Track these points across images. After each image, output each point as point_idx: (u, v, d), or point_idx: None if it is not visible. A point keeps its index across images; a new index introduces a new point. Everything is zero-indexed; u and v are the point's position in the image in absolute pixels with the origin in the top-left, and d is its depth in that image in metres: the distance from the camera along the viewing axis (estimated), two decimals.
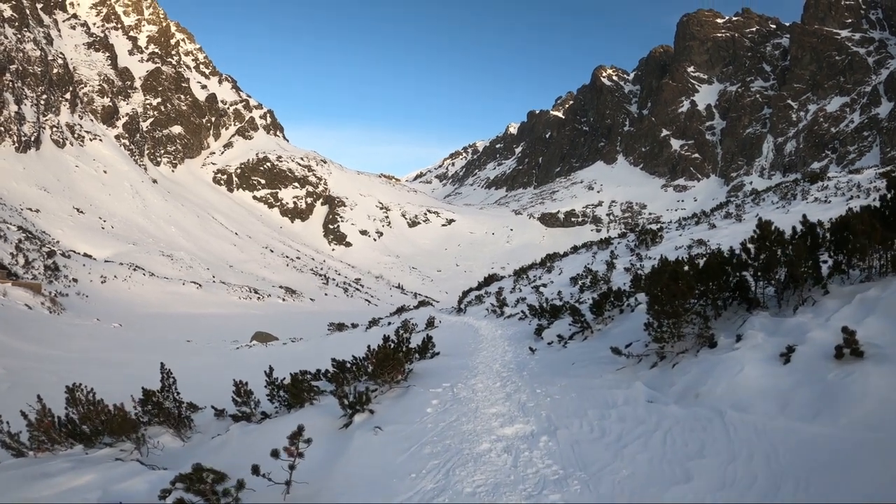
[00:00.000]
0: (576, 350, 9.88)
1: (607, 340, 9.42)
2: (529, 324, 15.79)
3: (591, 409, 6.06)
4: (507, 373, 9.22)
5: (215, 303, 55.15)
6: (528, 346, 11.65)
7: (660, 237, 29.11)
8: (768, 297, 7.26)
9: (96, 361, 16.70)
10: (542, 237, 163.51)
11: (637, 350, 7.87)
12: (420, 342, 12.07)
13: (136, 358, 18.59)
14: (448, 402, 7.41)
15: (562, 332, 11.51)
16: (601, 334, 10.45)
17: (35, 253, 46.99)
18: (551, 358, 9.83)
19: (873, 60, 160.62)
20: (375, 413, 7.10)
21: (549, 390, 7.26)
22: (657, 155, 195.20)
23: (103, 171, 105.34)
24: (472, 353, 12.22)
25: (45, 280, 41.67)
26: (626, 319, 10.67)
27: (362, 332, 25.64)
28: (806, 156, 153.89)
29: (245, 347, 24.89)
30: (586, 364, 8.38)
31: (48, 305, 30.90)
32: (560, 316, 13.80)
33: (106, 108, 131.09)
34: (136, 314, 40.01)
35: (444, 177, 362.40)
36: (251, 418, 7.86)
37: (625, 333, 9.39)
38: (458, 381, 8.72)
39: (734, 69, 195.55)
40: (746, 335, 6.20)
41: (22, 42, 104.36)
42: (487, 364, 10.37)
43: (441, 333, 18.01)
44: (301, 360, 15.42)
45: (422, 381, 8.83)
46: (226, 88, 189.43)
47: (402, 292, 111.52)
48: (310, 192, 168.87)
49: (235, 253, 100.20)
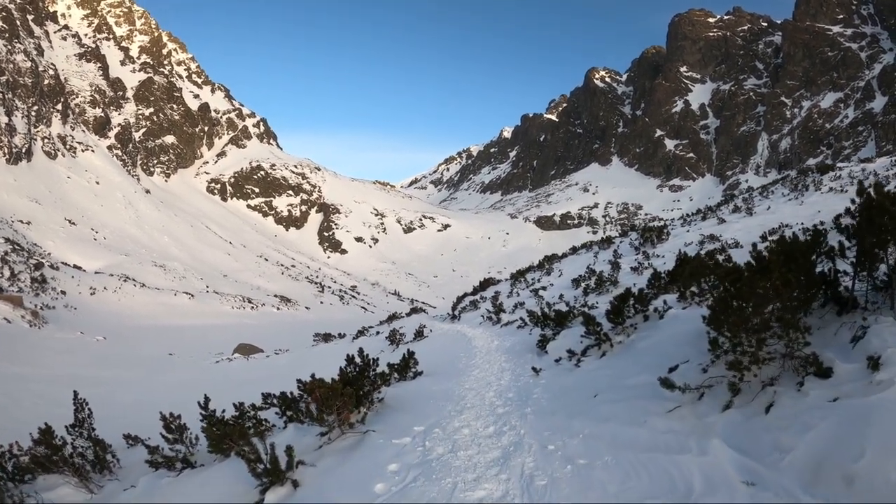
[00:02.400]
0: (594, 372, 7.81)
1: (633, 357, 7.53)
2: (530, 333, 13.91)
3: (646, 498, 3.81)
4: (505, 408, 7.16)
5: (207, 313, 54.38)
6: (530, 365, 9.75)
7: (666, 234, 27.91)
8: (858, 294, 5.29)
9: (63, 379, 15.95)
10: (538, 240, 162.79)
11: (691, 378, 5.48)
12: (400, 360, 10.47)
13: (108, 375, 17.87)
14: (413, 466, 5.27)
15: (572, 346, 9.48)
16: (624, 349, 8.33)
17: (21, 265, 46.19)
18: (562, 383, 7.83)
19: (866, 55, 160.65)
20: (301, 486, 5.13)
21: (567, 448, 5.08)
22: (652, 155, 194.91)
23: (95, 182, 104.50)
24: (463, 371, 10.51)
25: (32, 293, 40.89)
26: (653, 329, 8.51)
27: (349, 343, 24.85)
28: (801, 152, 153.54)
29: (225, 361, 24.13)
30: (615, 398, 6.22)
31: (28, 319, 30.11)
32: (567, 324, 11.81)
33: (98, 119, 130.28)
34: (125, 326, 39.29)
35: (439, 182, 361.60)
36: (173, 465, 6.47)
37: (656, 349, 7.36)
38: (438, 421, 6.74)
39: (727, 68, 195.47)
40: (890, 357, 3.99)
41: (12, 53, 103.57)
42: (479, 391, 8.45)
43: (430, 345, 17.08)
44: (278, 376, 14.79)
45: (389, 419, 6.92)
46: (219, 97, 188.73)
47: (398, 299, 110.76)
48: (304, 199, 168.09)
49: (230, 262, 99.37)
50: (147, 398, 7.25)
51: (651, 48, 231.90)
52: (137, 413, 7.79)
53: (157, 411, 7.38)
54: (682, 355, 6.40)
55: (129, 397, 13.19)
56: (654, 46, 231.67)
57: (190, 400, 11.39)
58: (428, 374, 10.28)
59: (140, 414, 7.45)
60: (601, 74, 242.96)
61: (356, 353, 8.60)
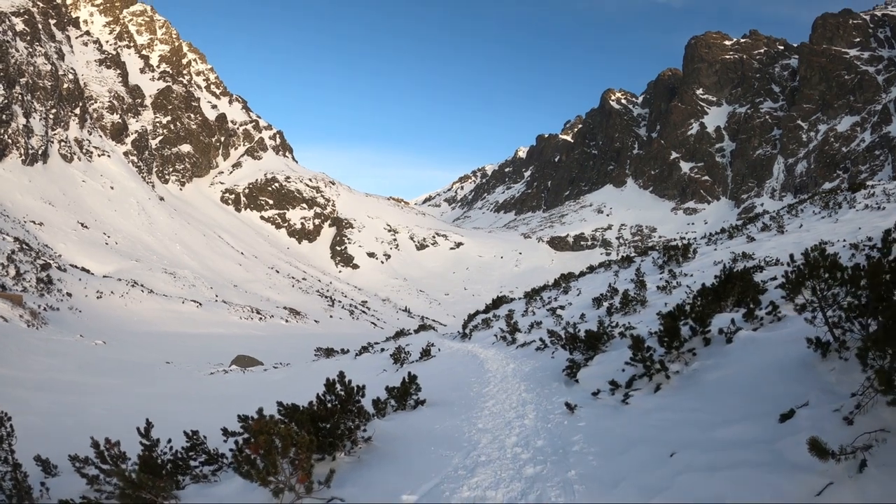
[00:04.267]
0: (654, 414, 5.91)
1: (705, 395, 5.79)
2: (552, 356, 12.14)
3: None
4: (535, 466, 5.29)
5: (214, 322, 53.49)
6: (559, 397, 8.01)
7: (693, 252, 26.41)
8: None
9: (41, 383, 14.80)
10: (551, 261, 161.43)
11: (830, 432, 3.78)
12: (399, 384, 8.88)
13: (91, 382, 16.78)
14: None
15: (612, 375, 7.65)
16: (684, 381, 6.48)
17: (28, 265, 45.59)
18: (612, 429, 5.91)
19: (883, 79, 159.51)
20: None
21: None
22: (667, 178, 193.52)
23: (110, 187, 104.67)
24: (474, 402, 8.78)
25: (37, 293, 40.21)
26: (721, 356, 6.65)
27: (351, 360, 23.65)
28: (817, 176, 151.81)
29: (220, 373, 23.05)
30: (708, 462, 4.26)
31: (27, 319, 29.30)
32: (602, 347, 9.97)
33: (115, 125, 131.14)
34: (128, 331, 38.42)
35: (453, 200, 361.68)
36: None
37: (738, 383, 5.63)
38: (438, 485, 4.98)
39: (743, 91, 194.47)
40: None
41: (33, 56, 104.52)
42: (496, 434, 6.60)
43: (437, 366, 15.58)
44: (272, 392, 13.60)
45: (370, 476, 5.22)
46: (236, 109, 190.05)
47: (409, 315, 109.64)
48: (318, 213, 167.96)
49: (241, 272, 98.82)
50: (121, 411, 6.33)
51: (667, 70, 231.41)
52: (106, 428, 6.63)
53: (126, 426, 6.21)
54: (788, 395, 4.71)
55: (101, 409, 11.99)
56: (670, 68, 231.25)
57: (166, 415, 10.24)
58: (431, 404, 8.73)
59: (108, 429, 6.28)
60: (617, 96, 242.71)
61: (337, 377, 6.77)
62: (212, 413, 6.57)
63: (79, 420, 8.76)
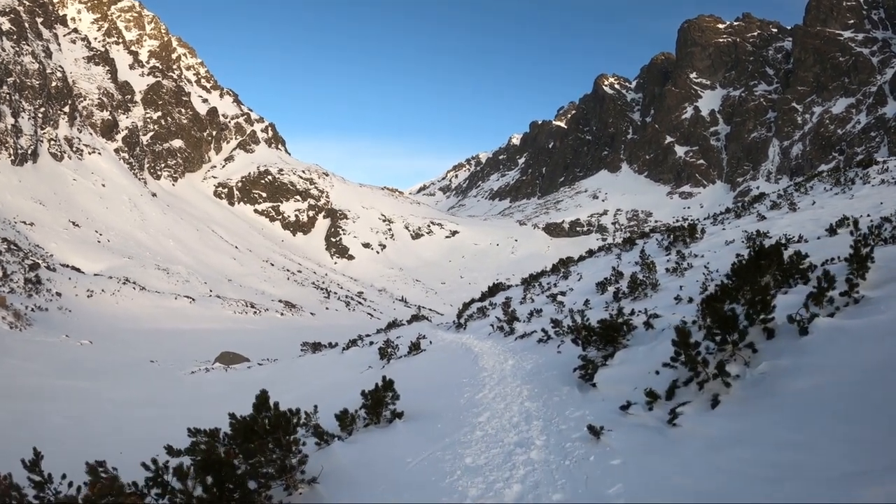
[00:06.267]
0: (726, 450, 3.95)
1: (791, 414, 4.02)
2: (559, 350, 10.65)
3: None
4: None
5: (208, 317, 53.27)
6: (572, 410, 6.36)
7: (701, 232, 25.11)
8: None
9: (3, 389, 14.32)
10: (547, 247, 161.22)
11: None
12: (374, 390, 7.39)
13: (61, 386, 16.38)
14: None
15: (643, 379, 5.93)
16: (752, 390, 4.67)
17: (16, 265, 45.20)
18: (663, 475, 3.98)
19: (877, 60, 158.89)
20: None
21: None
22: (661, 162, 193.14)
23: (101, 185, 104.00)
24: (463, 416, 7.09)
25: (24, 293, 39.85)
26: (799, 354, 4.87)
27: (338, 354, 22.92)
28: (813, 158, 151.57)
29: (202, 372, 22.62)
30: None
31: (10, 321, 29.04)
32: (622, 341, 7.97)
33: (105, 122, 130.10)
34: (118, 329, 38.16)
35: (448, 189, 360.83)
36: None
37: (845, 395, 3.90)
38: None
39: (737, 74, 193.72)
40: None
41: (19, 55, 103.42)
42: (490, 480, 4.73)
43: (426, 362, 14.59)
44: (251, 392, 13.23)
45: None
46: (227, 102, 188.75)
47: (405, 305, 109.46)
48: (312, 205, 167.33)
49: (235, 266, 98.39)
50: (83, 419, 5.99)
51: (660, 54, 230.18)
52: (59, 440, 6.12)
53: (80, 439, 5.96)
54: None
55: (60, 418, 11.58)
56: (663, 53, 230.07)
57: (125, 424, 9.92)
58: (411, 418, 7.25)
59: (61, 442, 5.92)
60: (610, 81, 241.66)
61: (258, 398, 5.21)
62: (171, 423, 6.11)
63: (32, 432, 8.45)
